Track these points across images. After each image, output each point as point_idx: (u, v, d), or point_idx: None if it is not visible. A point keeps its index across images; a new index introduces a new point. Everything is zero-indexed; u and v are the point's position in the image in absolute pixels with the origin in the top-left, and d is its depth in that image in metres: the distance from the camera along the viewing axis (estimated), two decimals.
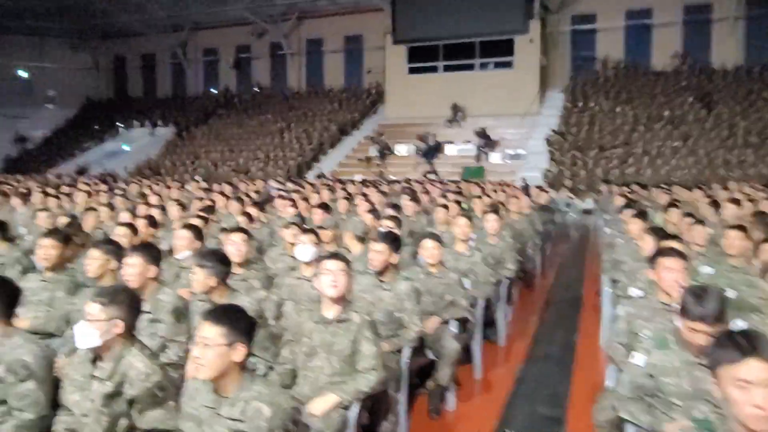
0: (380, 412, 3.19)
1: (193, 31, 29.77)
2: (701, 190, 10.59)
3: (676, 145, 17.44)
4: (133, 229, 4.85)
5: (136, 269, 3.26)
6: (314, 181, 15.74)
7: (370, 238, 4.85)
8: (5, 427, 2.40)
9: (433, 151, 20.24)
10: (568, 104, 20.99)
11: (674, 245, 3.58)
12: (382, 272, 3.76)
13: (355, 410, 2.80)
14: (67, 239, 4.01)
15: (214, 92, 29.93)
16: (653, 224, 5.42)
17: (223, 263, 3.24)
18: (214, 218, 6.82)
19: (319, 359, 2.93)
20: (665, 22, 21.47)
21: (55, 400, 2.48)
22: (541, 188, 11.41)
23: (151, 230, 5.43)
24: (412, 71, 23.06)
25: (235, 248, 4.01)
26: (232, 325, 2.08)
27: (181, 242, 4.38)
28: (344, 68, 27.24)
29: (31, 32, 30.71)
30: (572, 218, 14.88)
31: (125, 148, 26.45)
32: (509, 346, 5.39)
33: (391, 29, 23.17)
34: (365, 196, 8.76)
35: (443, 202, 7.62)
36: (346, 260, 3.04)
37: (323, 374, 2.91)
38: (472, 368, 4.63)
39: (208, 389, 2.15)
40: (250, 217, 6.51)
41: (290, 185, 13.09)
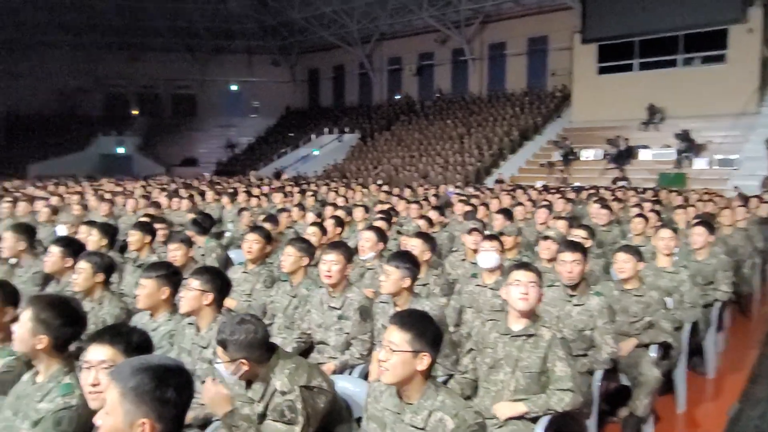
0: None
1: (379, 41, 31.27)
2: None
3: None
4: (322, 228, 5.11)
5: (337, 266, 3.37)
6: (493, 186, 15.44)
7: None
8: None
9: (624, 156, 18.68)
10: None
11: None
12: (573, 286, 3.45)
13: (542, 427, 2.58)
14: (268, 236, 4.34)
15: (397, 99, 31.14)
16: None
17: (416, 265, 3.22)
18: (395, 221, 6.96)
19: (503, 373, 2.76)
20: None
21: None
22: (761, 198, 9.83)
23: (337, 230, 5.69)
24: (602, 71, 21.51)
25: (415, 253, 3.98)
26: (419, 332, 2.02)
27: (365, 243, 4.49)
28: (527, 71, 26.49)
29: (241, 51, 34.89)
30: None
31: (315, 153, 28.64)
32: (720, 379, 4.66)
33: (579, 28, 21.92)
34: (549, 203, 8.32)
35: (638, 211, 6.90)
36: (537, 271, 2.83)
37: (507, 389, 2.74)
38: (673, 400, 4.06)
39: (392, 393, 2.13)
40: (429, 221, 6.52)
41: (470, 190, 12.98)
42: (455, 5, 26.33)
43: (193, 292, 2.78)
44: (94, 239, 4.57)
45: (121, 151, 31.80)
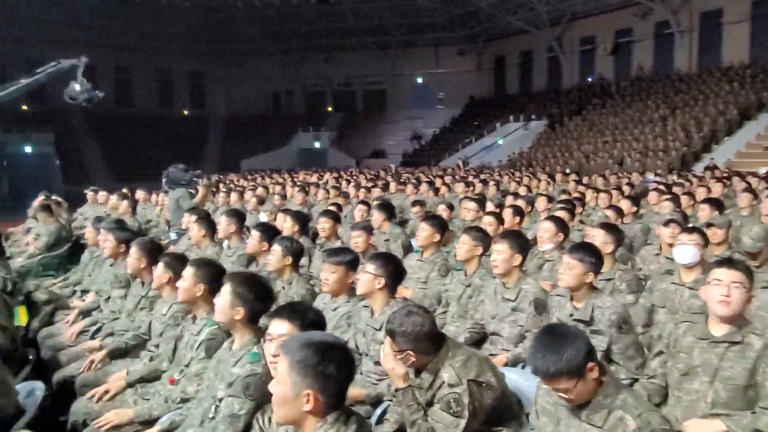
0: None
1: (570, 22, 29.61)
2: None
3: None
4: (498, 218, 4.99)
5: (501, 255, 3.28)
6: (703, 173, 13.69)
7: None
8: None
9: None
10: None
11: None
12: None
13: None
14: (443, 224, 4.36)
15: (589, 81, 29.21)
16: None
17: (600, 260, 2.98)
18: (579, 211, 6.53)
19: (698, 382, 2.42)
20: None
21: None
22: None
23: (516, 220, 5.51)
24: None
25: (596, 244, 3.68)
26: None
27: (544, 234, 4.27)
28: (749, 40, 22.92)
29: (428, 44, 35.65)
30: None
31: (500, 142, 28.13)
32: None
33: None
34: None
35: None
36: (746, 270, 2.41)
37: (703, 401, 2.39)
38: None
39: None
40: (619, 211, 5.99)
41: (672, 178, 11.67)
42: None
43: (367, 275, 2.89)
44: (288, 225, 5.02)
45: (317, 145, 34.58)
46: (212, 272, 2.89)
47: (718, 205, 5.73)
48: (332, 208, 6.52)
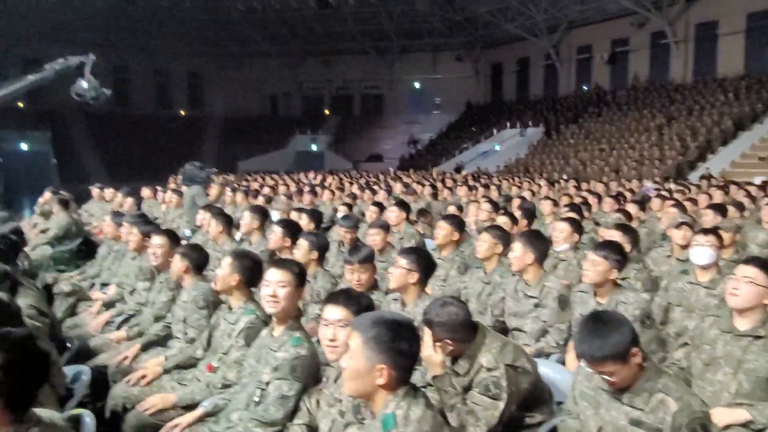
0: None
1: (567, 30, 29.90)
2: None
3: None
4: (513, 219, 5.11)
5: (515, 253, 3.39)
6: (699, 182, 13.90)
7: None
8: None
9: None
10: None
11: None
12: None
13: None
14: (460, 224, 4.47)
15: (585, 90, 29.50)
16: None
17: (624, 258, 3.10)
18: (588, 215, 6.66)
19: (721, 373, 2.53)
20: None
21: None
22: None
23: (524, 222, 5.62)
24: None
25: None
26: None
27: (559, 234, 4.39)
28: (745, 52, 23.26)
29: (426, 49, 35.88)
30: None
31: (497, 148, 28.32)
32: None
33: None
34: None
35: None
36: (763, 267, 2.53)
37: (727, 391, 2.50)
38: None
39: None
40: (628, 215, 6.12)
41: (671, 186, 11.87)
42: None
43: (400, 270, 2.98)
44: (303, 223, 5.11)
45: (314, 148, 34.66)
46: (248, 264, 2.98)
47: (721, 210, 5.86)
48: (343, 208, 6.62)
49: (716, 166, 18.24)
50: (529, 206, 6.27)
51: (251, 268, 2.97)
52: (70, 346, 3.23)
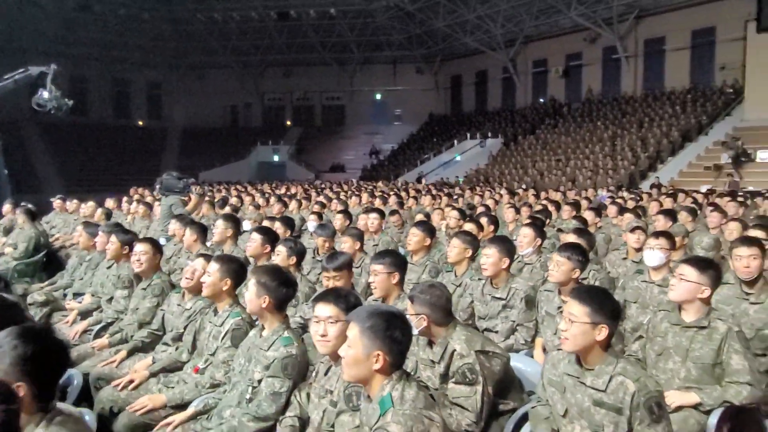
0: None
1: (523, 44, 30.80)
2: None
3: None
4: (479, 225, 5.36)
5: (491, 259, 3.60)
6: (650, 190, 14.59)
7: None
8: None
9: None
10: None
11: None
12: (750, 284, 3.34)
13: (715, 419, 2.58)
14: (431, 230, 4.69)
15: (542, 102, 30.42)
16: None
17: (586, 259, 3.37)
18: (548, 222, 6.99)
19: (672, 362, 2.80)
20: None
21: None
22: None
23: (491, 228, 5.89)
24: None
25: None
26: (597, 306, 2.18)
27: (524, 239, 4.64)
28: (690, 67, 24.50)
29: (387, 61, 36.33)
30: None
31: (457, 158, 28.87)
32: None
33: (754, 15, 19.89)
34: (715, 205, 7.79)
35: None
36: (701, 265, 2.81)
37: (677, 378, 2.77)
38: None
39: (571, 360, 2.30)
40: (584, 221, 6.47)
41: (625, 194, 12.44)
42: (607, 1, 25.17)
43: (381, 275, 3.14)
44: (279, 231, 5.23)
45: (276, 159, 34.55)
46: (236, 268, 3.11)
47: (672, 216, 6.27)
48: (314, 217, 6.77)
49: (666, 175, 19.13)
50: (492, 215, 6.54)
51: (238, 271, 3.10)
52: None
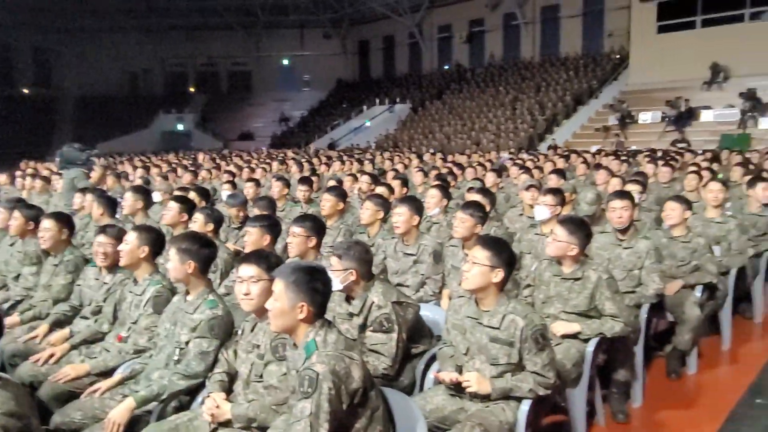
0: (617, 359, 3.35)
1: (428, 10, 31.15)
2: None
3: None
4: (390, 189, 5.64)
5: (402, 217, 3.85)
6: (547, 152, 15.56)
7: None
8: None
9: (684, 117, 18.29)
10: None
11: None
12: (623, 231, 3.83)
13: (591, 347, 3.02)
14: (343, 194, 4.90)
15: (447, 68, 31.10)
16: None
17: (486, 215, 3.75)
18: (453, 183, 7.41)
19: (554, 308, 3.20)
20: None
21: None
22: None
23: (404, 189, 6.19)
24: (661, 30, 20.86)
25: None
26: (496, 251, 2.51)
27: (431, 200, 4.95)
28: (582, 34, 25.96)
29: (293, 26, 35.49)
30: None
31: (367, 124, 29.10)
32: (766, 324, 4.94)
33: None
34: (599, 165, 8.55)
35: (694, 169, 7.09)
36: (570, 227, 3.16)
37: (559, 320, 3.18)
38: (720, 339, 4.41)
39: (470, 304, 2.63)
40: (482, 182, 6.94)
41: (524, 156, 13.21)
42: None
43: (300, 237, 3.32)
44: (195, 200, 5.22)
45: (180, 127, 33.19)
46: (153, 236, 3.16)
47: (562, 174, 6.86)
48: (227, 186, 6.77)
49: (561, 137, 20.42)
50: (403, 177, 6.85)
51: (156, 240, 3.16)
52: None
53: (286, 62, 37.12)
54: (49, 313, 3.62)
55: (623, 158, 9.92)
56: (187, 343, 2.67)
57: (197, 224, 3.96)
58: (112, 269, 3.43)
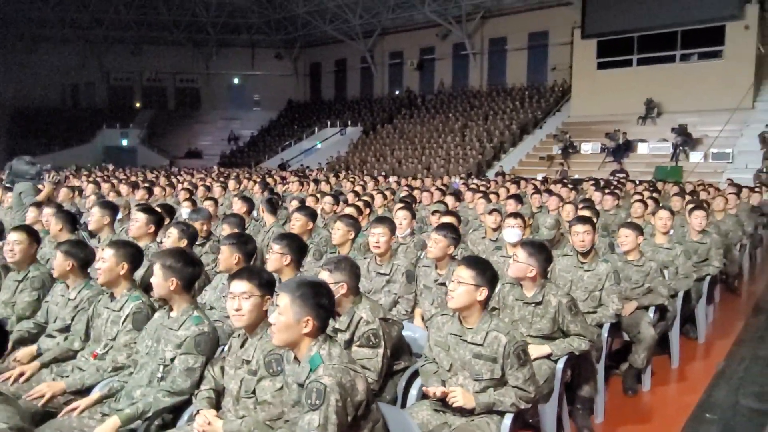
0: (581, 375, 3.53)
1: (380, 36, 31.79)
2: None
3: None
4: (358, 209, 5.72)
5: (384, 237, 3.92)
6: (495, 178, 16.06)
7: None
8: None
9: (622, 149, 19.33)
10: None
11: None
12: (584, 254, 4.05)
13: (561, 365, 3.18)
14: (313, 214, 4.94)
15: (398, 93, 31.69)
16: None
17: (459, 236, 3.87)
18: (416, 207, 7.56)
19: (523, 330, 3.34)
20: None
21: None
22: (752, 189, 10.49)
23: (367, 211, 6.28)
24: (601, 66, 22.12)
25: None
26: (480, 270, 2.62)
27: (403, 221, 5.01)
28: (527, 66, 27.12)
29: (244, 45, 35.35)
30: None
31: (318, 145, 29.17)
32: (709, 343, 5.29)
33: (579, 23, 22.51)
34: (550, 192, 8.93)
35: (639, 198, 7.53)
36: (530, 249, 3.31)
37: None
38: (669, 358, 4.69)
39: (453, 322, 2.73)
40: (446, 205, 7.13)
41: (474, 181, 13.60)
42: (456, 0, 26.86)
43: (276, 255, 3.35)
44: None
45: (124, 143, 32.26)
46: (132, 251, 3.12)
47: (519, 200, 7.13)
48: (188, 203, 6.67)
49: (508, 164, 21.13)
50: (367, 199, 6.95)
51: (134, 255, 3.12)
52: None
53: (236, 81, 36.85)
54: (11, 330, 3.48)
55: (570, 186, 10.38)
56: (172, 359, 2.64)
57: (171, 239, 3.92)
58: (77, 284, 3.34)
